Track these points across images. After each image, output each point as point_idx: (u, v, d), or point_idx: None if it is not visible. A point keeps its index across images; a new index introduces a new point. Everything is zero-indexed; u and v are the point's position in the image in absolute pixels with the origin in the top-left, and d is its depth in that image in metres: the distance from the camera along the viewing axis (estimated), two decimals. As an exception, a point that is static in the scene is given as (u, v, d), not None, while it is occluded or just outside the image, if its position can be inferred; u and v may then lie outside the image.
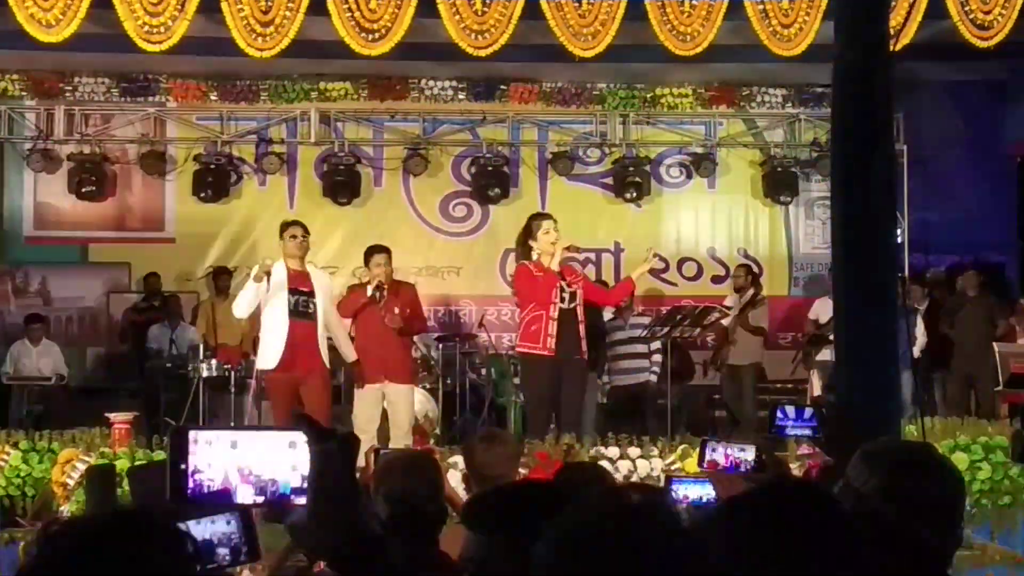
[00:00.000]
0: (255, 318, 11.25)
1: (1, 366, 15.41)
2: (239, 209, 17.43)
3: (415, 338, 12.66)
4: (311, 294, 10.72)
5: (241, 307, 10.89)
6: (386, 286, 11.29)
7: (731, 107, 17.74)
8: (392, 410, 11.46)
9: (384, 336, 11.32)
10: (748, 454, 4.14)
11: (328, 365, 11.04)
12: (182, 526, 2.28)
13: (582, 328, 11.02)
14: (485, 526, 3.10)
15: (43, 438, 10.38)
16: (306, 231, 10.98)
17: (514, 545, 2.79)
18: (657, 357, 14.14)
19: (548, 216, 11.62)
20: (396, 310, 11.31)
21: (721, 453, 4.24)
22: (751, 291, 15.37)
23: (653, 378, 14.04)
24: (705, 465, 4.39)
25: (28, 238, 17.45)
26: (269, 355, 10.70)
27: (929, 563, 2.49)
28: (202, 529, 2.41)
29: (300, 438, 2.19)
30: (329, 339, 11.08)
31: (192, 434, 2.24)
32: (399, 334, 11.48)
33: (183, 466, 2.17)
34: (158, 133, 17.46)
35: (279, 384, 10.76)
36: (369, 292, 11.22)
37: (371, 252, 11.63)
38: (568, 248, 11.16)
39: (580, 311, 11.04)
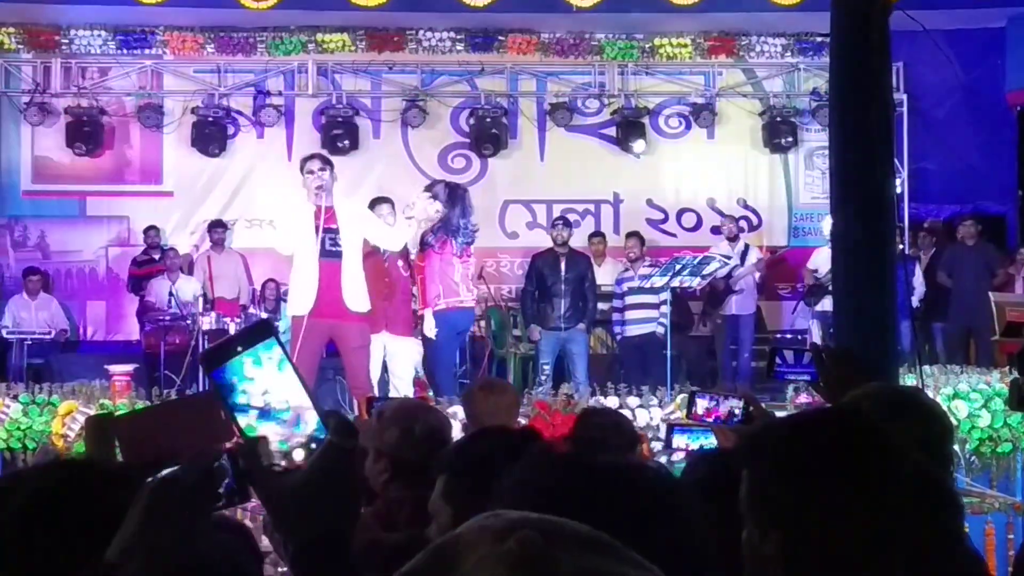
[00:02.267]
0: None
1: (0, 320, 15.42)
2: (237, 161, 17.42)
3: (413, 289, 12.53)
4: (338, 231, 9.95)
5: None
6: None
7: (730, 57, 17.67)
8: (393, 362, 11.30)
9: (385, 288, 11.21)
10: (735, 405, 4.15)
11: (366, 310, 10.22)
12: (169, 472, 2.27)
13: None
14: (455, 470, 3.11)
15: (43, 391, 10.39)
16: (325, 162, 10.10)
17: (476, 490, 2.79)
18: (665, 308, 14.16)
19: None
20: (399, 263, 11.23)
21: (709, 405, 4.25)
22: (742, 241, 15.39)
23: (660, 329, 14.04)
24: (692, 417, 4.41)
25: (26, 192, 17.43)
26: (300, 300, 9.94)
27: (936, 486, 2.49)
28: None
29: (313, 418, 2.11)
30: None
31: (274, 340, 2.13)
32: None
33: (239, 349, 2.08)
34: (155, 86, 17.44)
35: (309, 330, 9.81)
36: (409, 218, 10.92)
37: (375, 203, 11.54)
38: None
39: None
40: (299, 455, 2.03)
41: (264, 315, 14.28)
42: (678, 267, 13.30)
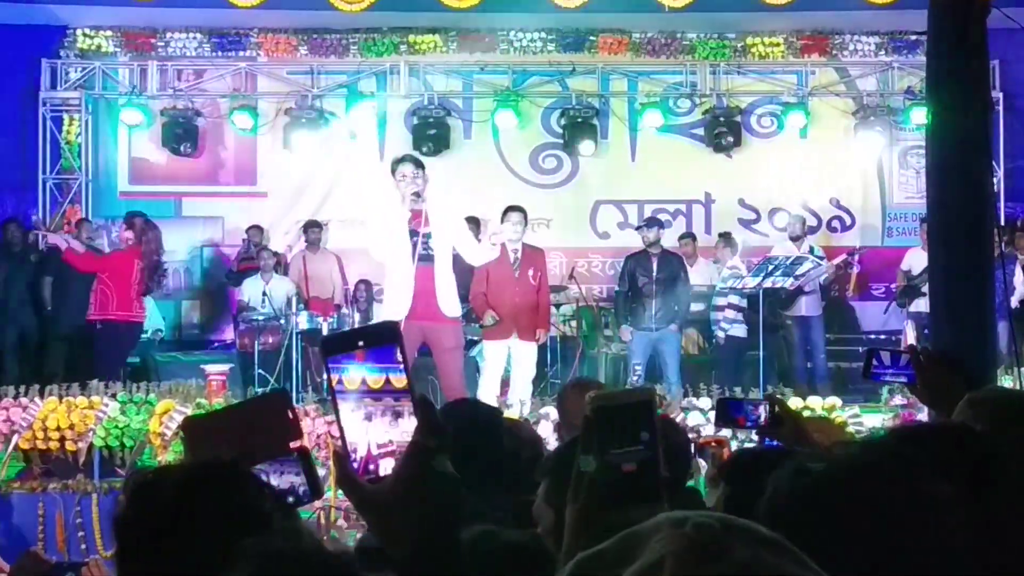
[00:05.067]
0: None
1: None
2: (329, 162, 17.52)
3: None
4: (430, 235, 9.78)
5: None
6: (519, 248, 11.35)
7: (823, 56, 17.54)
8: (517, 366, 11.67)
9: (514, 294, 11.44)
10: (761, 409, 4.14)
11: (459, 313, 10.26)
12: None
13: None
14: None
15: (140, 390, 10.53)
16: (418, 166, 9.89)
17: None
18: (729, 312, 14.12)
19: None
20: (529, 272, 11.38)
21: (738, 410, 4.23)
22: (806, 242, 15.16)
23: (721, 334, 14.12)
24: (721, 424, 4.42)
25: (123, 193, 17.65)
26: (396, 304, 9.79)
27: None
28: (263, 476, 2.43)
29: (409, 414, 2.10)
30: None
31: None
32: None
33: (360, 344, 2.10)
34: (249, 87, 17.60)
35: (404, 333, 9.61)
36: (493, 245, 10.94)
37: (508, 211, 11.68)
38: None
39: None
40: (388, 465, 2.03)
41: (357, 315, 14.39)
42: (771, 267, 13.22)
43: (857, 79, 17.67)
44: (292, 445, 2.56)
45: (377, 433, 2.03)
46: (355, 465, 1.99)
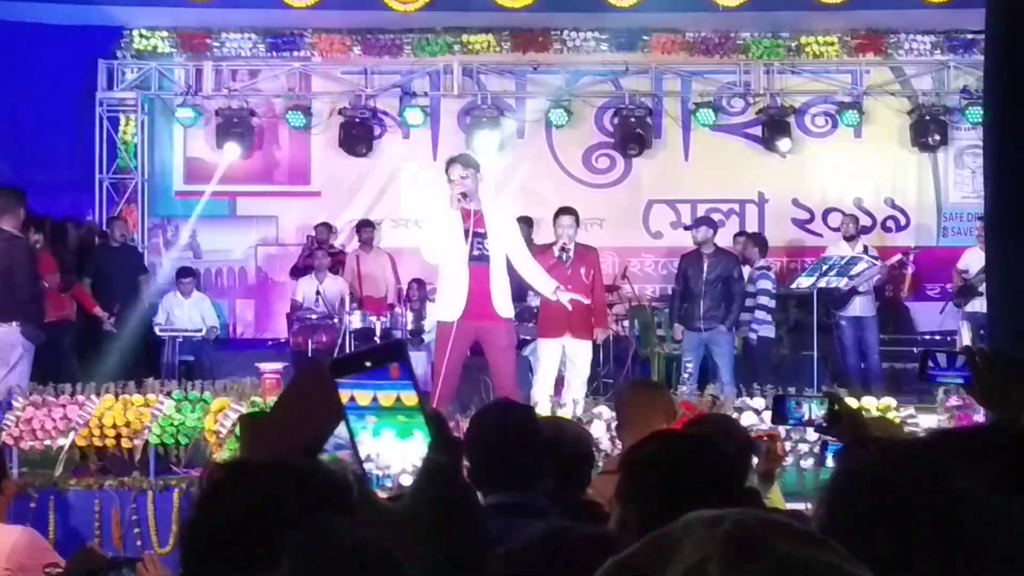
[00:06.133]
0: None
1: (153, 318, 15.66)
2: (383, 162, 17.59)
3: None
4: (486, 235, 9.71)
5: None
6: (571, 248, 11.37)
7: (878, 55, 17.44)
8: (571, 365, 11.65)
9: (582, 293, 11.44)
10: (821, 406, 4.11)
11: (512, 314, 10.16)
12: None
13: None
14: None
15: (195, 388, 10.58)
16: (467, 166, 9.72)
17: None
18: (760, 314, 14.10)
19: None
20: (581, 271, 11.40)
21: (795, 407, 4.20)
22: (860, 242, 15.05)
23: (753, 336, 14.13)
24: (778, 420, 4.40)
25: (178, 192, 17.78)
26: (450, 305, 9.74)
27: None
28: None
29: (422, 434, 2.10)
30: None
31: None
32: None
33: (368, 364, 2.10)
34: (303, 87, 17.69)
35: (458, 333, 9.63)
36: (556, 254, 11.23)
37: (559, 213, 11.70)
38: None
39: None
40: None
41: (410, 315, 14.40)
42: (825, 267, 13.17)
43: (912, 78, 17.55)
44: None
45: (414, 451, 2.04)
46: (389, 483, 2.01)
